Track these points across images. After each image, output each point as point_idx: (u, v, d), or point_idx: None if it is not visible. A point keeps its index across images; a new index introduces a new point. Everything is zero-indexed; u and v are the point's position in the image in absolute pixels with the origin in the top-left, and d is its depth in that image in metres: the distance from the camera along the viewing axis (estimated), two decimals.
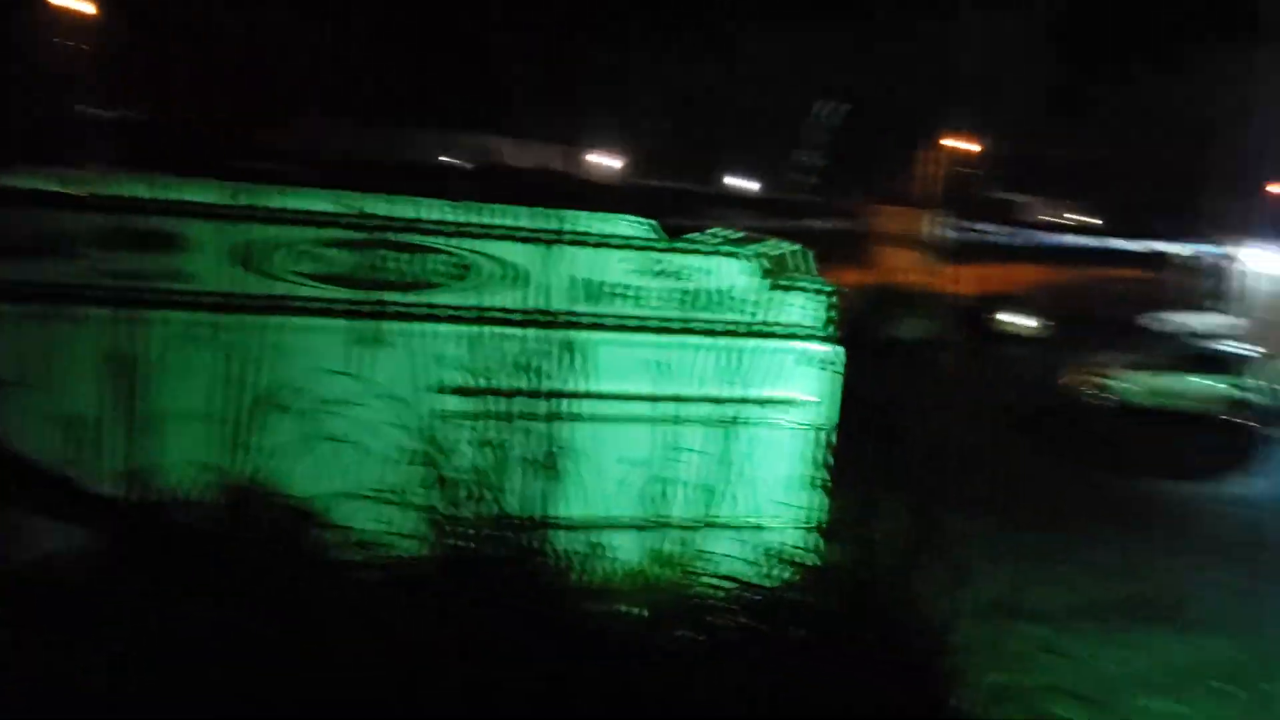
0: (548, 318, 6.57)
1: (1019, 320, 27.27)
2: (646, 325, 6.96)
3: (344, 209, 6.51)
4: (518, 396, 6.16)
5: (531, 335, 6.38)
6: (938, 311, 21.50)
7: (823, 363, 7.40)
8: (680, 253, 7.18)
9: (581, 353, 6.53)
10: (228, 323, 6.24)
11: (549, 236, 6.76)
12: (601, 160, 36.80)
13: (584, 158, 36.06)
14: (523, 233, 6.73)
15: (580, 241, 6.88)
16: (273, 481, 6.00)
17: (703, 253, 7.24)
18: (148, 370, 6.00)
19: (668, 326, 7.00)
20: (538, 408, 6.16)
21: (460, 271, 6.67)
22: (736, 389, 6.91)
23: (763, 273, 7.27)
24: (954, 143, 31.79)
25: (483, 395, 6.19)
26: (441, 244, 6.65)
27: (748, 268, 7.25)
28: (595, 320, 6.82)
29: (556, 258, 6.72)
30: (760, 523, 6.93)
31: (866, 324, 16.95)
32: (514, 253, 6.72)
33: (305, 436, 6.18)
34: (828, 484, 7.32)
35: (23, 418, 6.00)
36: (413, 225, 6.64)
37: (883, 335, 18.67)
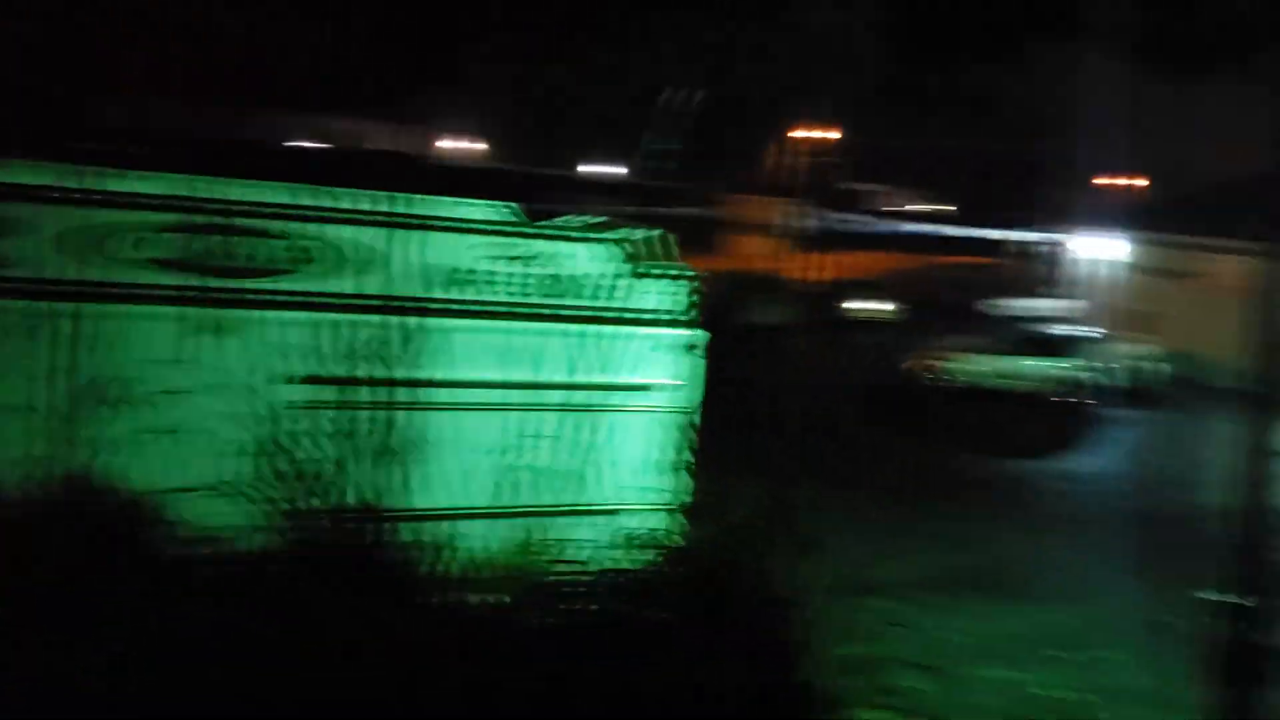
0: (399, 304, 6.44)
1: (870, 306, 28.13)
2: (504, 311, 6.89)
3: (183, 192, 6.24)
4: (369, 385, 6.03)
5: (382, 322, 6.24)
6: (793, 298, 21.98)
7: (684, 347, 7.46)
8: (539, 238, 7.13)
9: (435, 339, 6.42)
10: (58, 310, 5.92)
11: (401, 221, 6.62)
12: (460, 144, 36.29)
13: (443, 141, 35.49)
14: (373, 217, 6.57)
15: (434, 226, 6.75)
16: (108, 476, 5.73)
17: (562, 238, 7.21)
18: None
19: (526, 312, 6.95)
20: (390, 396, 6.04)
21: (307, 257, 6.48)
22: (597, 374, 6.92)
23: (623, 258, 7.28)
24: (808, 132, 32.47)
25: (332, 384, 6.03)
26: (287, 229, 6.44)
27: (608, 253, 7.25)
28: (449, 306, 6.71)
29: (409, 242, 6.59)
30: (621, 507, 6.96)
31: (726, 309, 17.19)
32: (364, 237, 6.55)
33: (143, 429, 5.92)
34: (689, 467, 7.40)
35: None
36: (256, 210, 6.41)
37: (742, 320, 18.98)
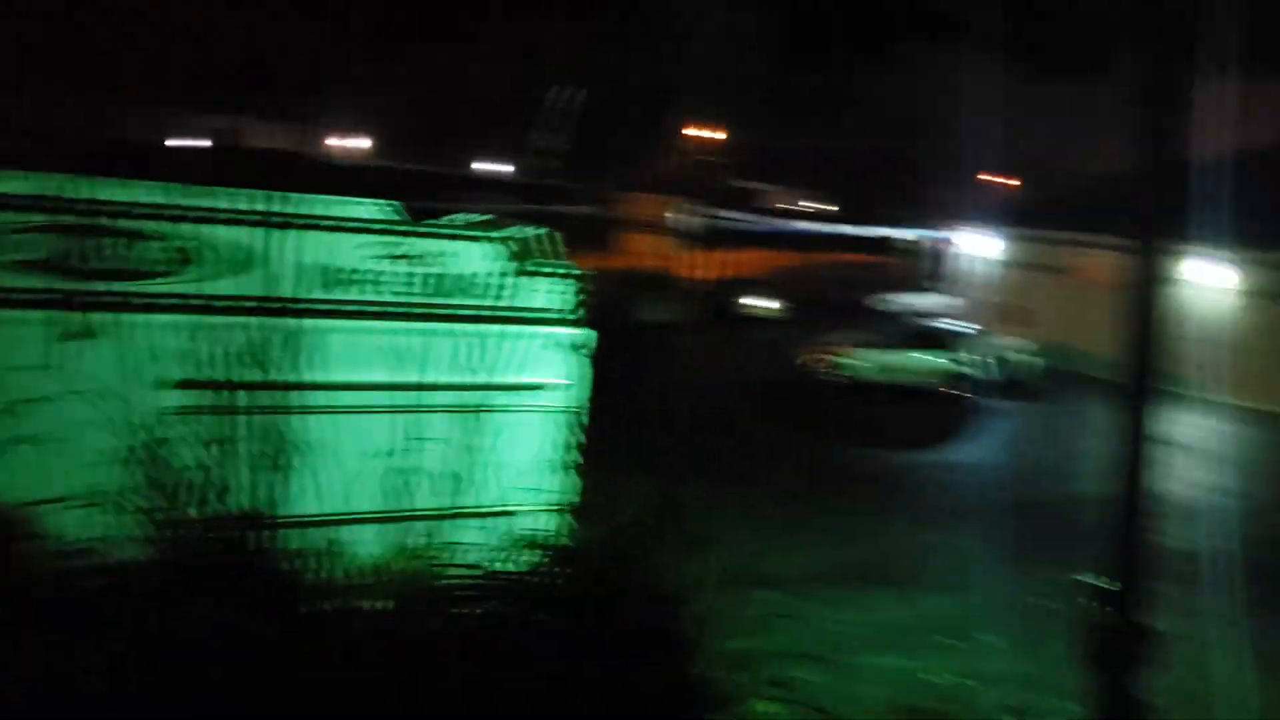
0: (279, 305, 6.28)
1: (760, 303, 28.51)
2: (387, 311, 6.78)
3: (51, 192, 5.98)
4: (247, 389, 5.86)
5: (262, 324, 6.07)
6: (684, 295, 22.15)
7: (572, 346, 7.44)
8: (423, 236, 7.03)
9: (316, 341, 6.27)
10: None
11: (281, 221, 6.45)
12: (344, 142, 35.65)
13: (326, 139, 34.82)
14: (251, 217, 6.39)
15: (315, 226, 6.60)
16: None
17: (447, 236, 7.12)
18: None
19: (410, 312, 6.84)
20: (269, 400, 5.88)
21: (183, 258, 6.27)
22: (483, 375, 6.84)
23: (510, 257, 7.23)
24: (696, 132, 32.78)
25: (211, 389, 5.85)
26: (161, 229, 6.22)
27: (494, 251, 7.19)
28: (331, 307, 6.57)
29: (289, 243, 6.42)
30: (510, 509, 6.89)
31: (616, 307, 17.23)
32: (242, 238, 6.37)
33: (8, 438, 5.65)
34: (579, 466, 7.38)
35: None
36: (129, 210, 6.18)
37: (632, 318, 19.05)
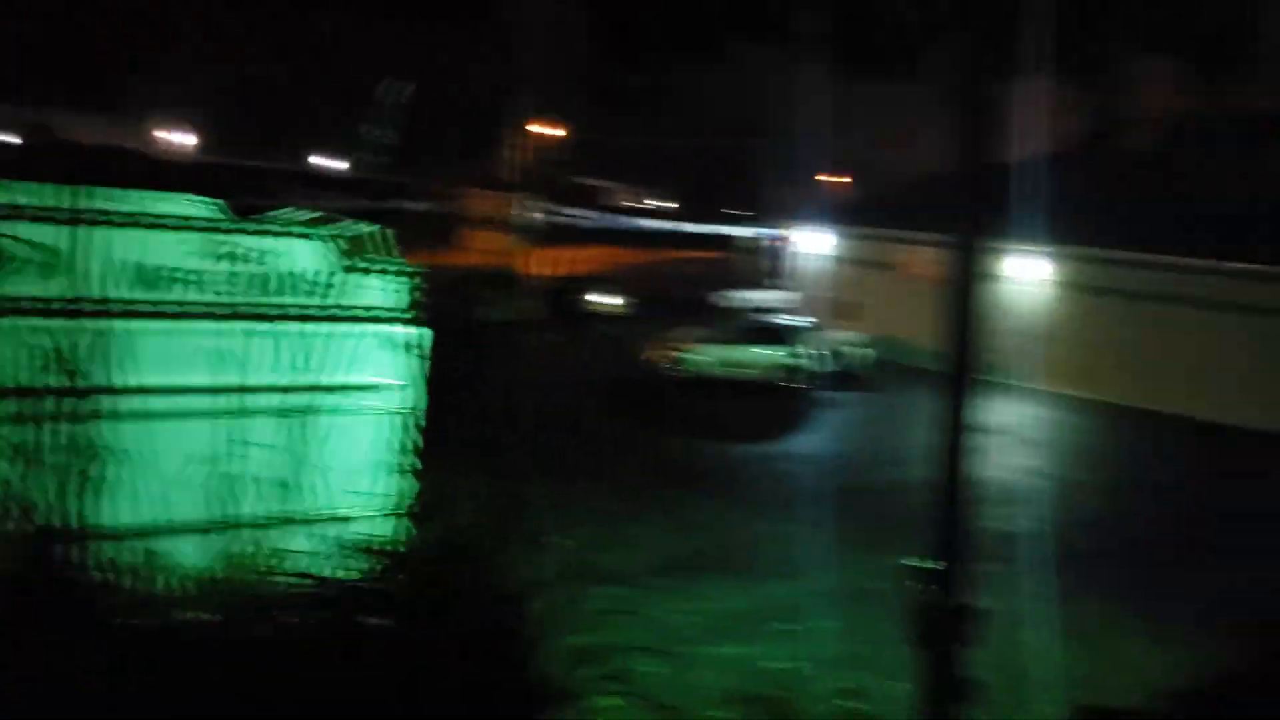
0: (92, 307, 5.96)
1: (603, 300, 28.66)
2: (208, 311, 6.51)
3: None
4: (56, 395, 5.54)
5: (72, 327, 5.75)
6: (526, 293, 22.08)
7: (407, 345, 7.30)
8: (248, 234, 6.78)
9: (131, 344, 5.98)
10: None
11: (94, 217, 6.12)
12: (170, 136, 34.16)
13: (150, 134, 33.30)
14: (60, 214, 6.04)
15: (132, 223, 6.29)
16: None
17: (273, 234, 6.88)
18: None
19: (233, 312, 6.59)
20: (80, 407, 5.58)
21: None
22: (312, 376, 6.65)
23: (340, 254, 7.04)
24: (538, 128, 32.72)
25: (12, 396, 5.51)
26: None
27: (323, 249, 6.98)
28: (148, 308, 6.27)
29: (103, 241, 6.11)
30: (343, 514, 6.73)
31: (454, 305, 17.03)
32: (50, 236, 6.02)
33: None
34: (416, 468, 7.26)
35: None
36: None
37: (471, 316, 18.86)
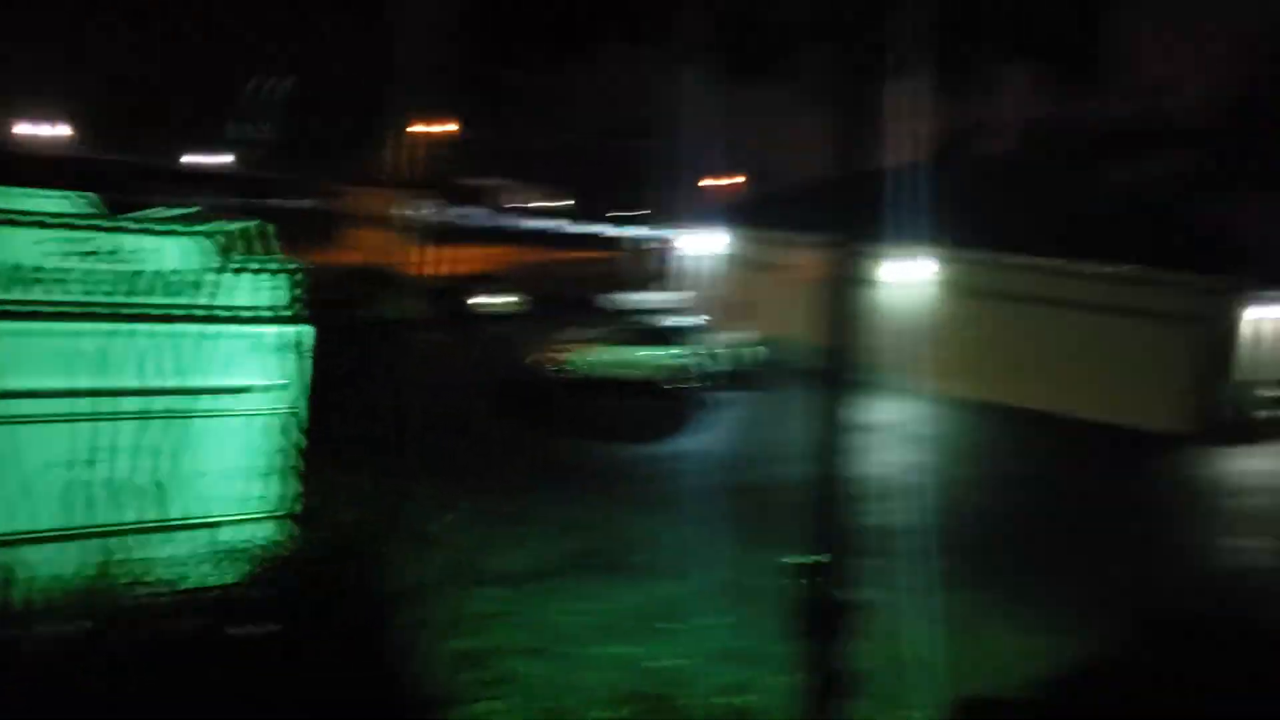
0: None
1: (492, 300, 28.47)
2: (76, 312, 6.26)
3: None
4: None
5: None
6: (413, 292, 21.79)
7: (287, 345, 7.14)
8: (120, 231, 6.55)
9: None
10: None
11: None
12: (36, 130, 32.73)
13: (11, 126, 31.83)
14: None
15: None
16: None
17: (144, 231, 6.65)
18: None
19: (100, 312, 6.34)
20: None
21: None
22: (187, 377, 6.46)
23: (217, 251, 6.85)
24: (427, 127, 32.33)
25: None
26: None
27: (197, 246, 6.78)
28: (8, 308, 6.00)
29: None
30: (223, 517, 6.55)
31: (339, 304, 16.74)
32: None
33: None
34: (298, 469, 7.11)
35: None
36: None
37: (357, 316, 18.55)
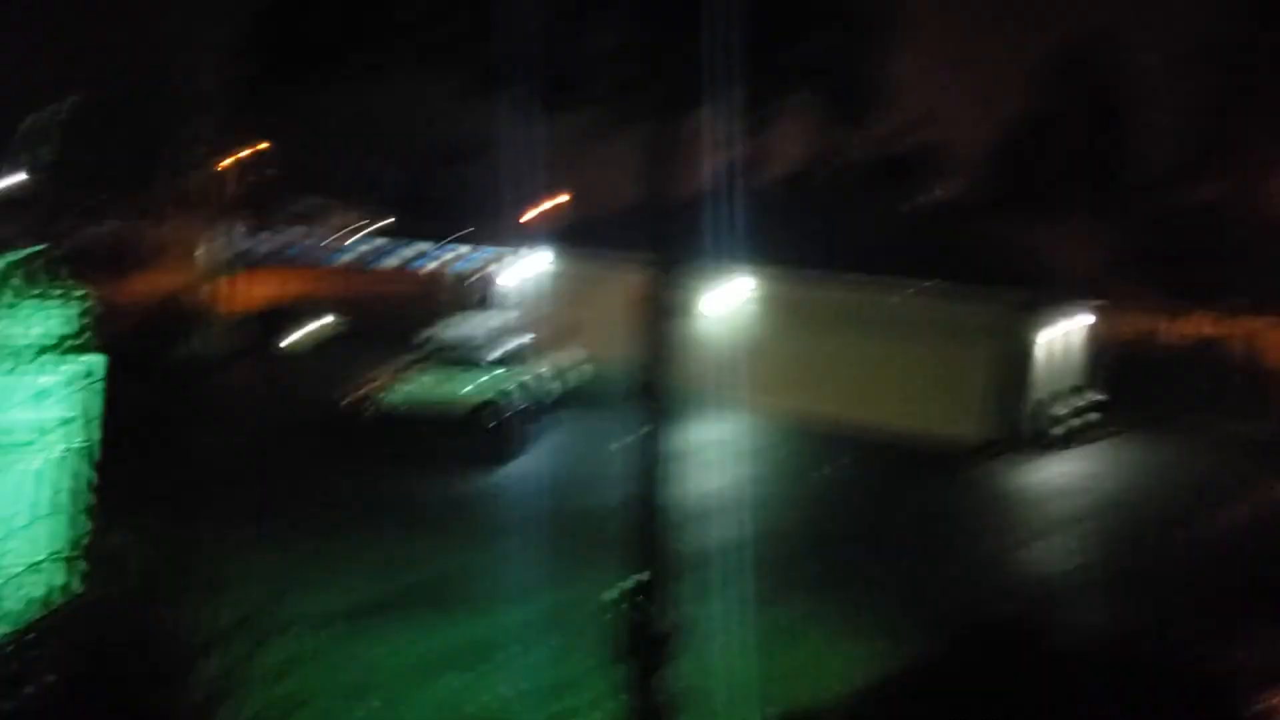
0: None
1: (305, 330, 27.52)
2: None
3: None
4: None
5: None
6: (219, 323, 20.89)
7: (78, 378, 6.70)
8: None
9: None
10: None
11: None
12: None
13: None
14: None
15: None
16: None
17: None
18: None
19: None
20: None
21: None
22: None
23: None
24: (241, 152, 31.17)
25: None
26: None
27: None
28: None
29: None
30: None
31: (137, 336, 15.88)
32: None
33: None
34: (87, 509, 6.64)
35: None
36: None
37: (158, 348, 17.61)
